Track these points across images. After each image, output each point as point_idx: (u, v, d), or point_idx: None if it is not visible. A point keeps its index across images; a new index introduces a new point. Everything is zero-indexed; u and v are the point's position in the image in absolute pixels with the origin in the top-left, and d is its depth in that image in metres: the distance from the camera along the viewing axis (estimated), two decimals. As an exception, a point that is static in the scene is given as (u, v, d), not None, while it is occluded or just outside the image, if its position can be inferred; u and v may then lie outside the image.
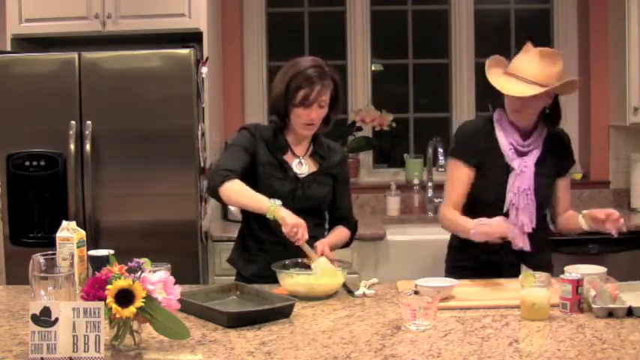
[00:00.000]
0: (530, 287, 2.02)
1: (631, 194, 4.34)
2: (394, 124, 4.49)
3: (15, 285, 2.59)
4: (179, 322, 1.77)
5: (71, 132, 3.51)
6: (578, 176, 4.51)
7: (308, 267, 2.41)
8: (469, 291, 2.32)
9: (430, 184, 4.32)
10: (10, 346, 1.82)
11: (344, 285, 2.38)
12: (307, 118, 2.53)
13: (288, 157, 2.61)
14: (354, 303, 2.25)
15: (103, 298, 1.68)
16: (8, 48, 3.81)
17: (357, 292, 2.32)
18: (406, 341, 1.85)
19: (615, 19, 4.29)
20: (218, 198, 2.49)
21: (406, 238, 3.91)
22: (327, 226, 2.73)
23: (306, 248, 2.39)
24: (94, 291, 1.70)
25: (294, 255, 2.43)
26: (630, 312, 2.01)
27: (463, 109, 4.62)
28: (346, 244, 2.73)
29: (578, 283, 2.05)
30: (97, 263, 2.14)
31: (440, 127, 4.61)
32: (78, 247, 2.25)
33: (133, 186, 3.55)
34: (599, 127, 4.47)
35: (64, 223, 2.28)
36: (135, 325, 1.77)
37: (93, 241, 3.35)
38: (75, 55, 3.53)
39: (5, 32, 3.85)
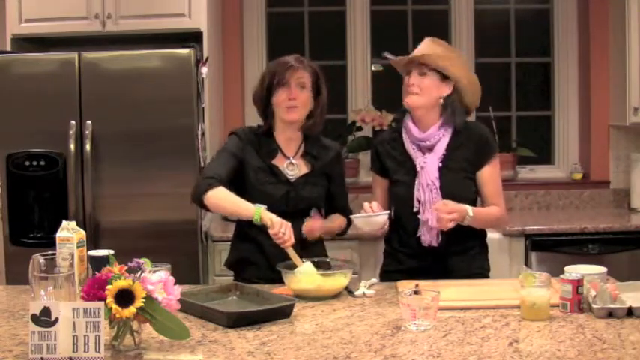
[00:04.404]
0: (530, 287, 2.02)
1: (631, 194, 4.34)
2: (394, 124, 4.48)
3: (15, 285, 2.59)
4: (179, 322, 1.77)
5: (71, 132, 3.51)
6: (578, 176, 4.52)
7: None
8: (468, 291, 2.32)
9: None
10: (10, 346, 1.82)
11: (344, 285, 2.38)
12: (287, 99, 2.52)
13: (277, 160, 2.61)
14: (354, 303, 2.25)
15: (103, 298, 1.68)
16: (8, 48, 3.81)
17: (357, 292, 2.32)
18: (406, 341, 1.85)
19: (615, 19, 4.29)
20: (203, 206, 2.50)
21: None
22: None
23: (292, 252, 2.39)
24: (94, 291, 1.70)
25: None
26: (630, 312, 2.00)
27: (463, 109, 4.61)
28: (342, 232, 2.74)
29: (578, 283, 2.05)
30: (97, 263, 2.14)
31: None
32: (78, 247, 2.25)
33: (133, 186, 3.55)
34: (599, 127, 4.47)
35: (64, 223, 2.28)
36: (135, 325, 1.77)
37: (93, 241, 3.35)
38: (75, 55, 3.54)
39: (5, 32, 3.85)
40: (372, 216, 2.43)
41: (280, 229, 2.36)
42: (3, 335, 1.92)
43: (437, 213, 2.41)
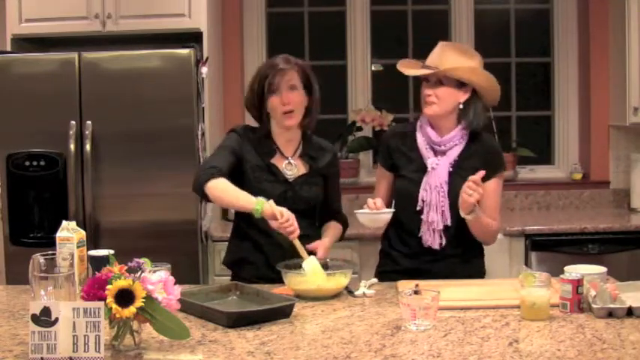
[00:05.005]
0: (530, 287, 2.02)
1: (631, 194, 4.34)
2: (394, 124, 4.49)
3: (15, 285, 2.59)
4: (179, 322, 1.77)
5: (71, 132, 3.51)
6: (578, 176, 4.52)
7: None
8: (468, 291, 2.32)
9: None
10: (10, 346, 1.82)
11: (344, 285, 2.39)
12: (281, 105, 2.52)
13: (276, 159, 2.61)
14: (354, 303, 2.25)
15: (103, 298, 1.68)
16: (8, 48, 3.81)
17: (357, 292, 2.32)
18: (406, 341, 1.85)
19: (615, 19, 4.29)
20: (203, 195, 2.48)
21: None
22: (317, 223, 2.73)
23: (298, 244, 2.39)
24: (94, 291, 1.70)
25: (290, 255, 2.43)
26: (630, 312, 2.01)
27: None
28: (338, 240, 2.74)
29: (578, 283, 2.05)
30: (97, 263, 2.14)
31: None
32: (78, 247, 2.25)
33: (133, 186, 3.55)
34: (599, 127, 4.47)
35: (64, 223, 2.28)
36: (135, 325, 1.77)
37: (93, 241, 3.35)
38: (75, 55, 3.54)
39: (5, 32, 3.85)
40: (377, 213, 2.43)
41: (287, 220, 2.35)
42: (3, 335, 1.92)
43: (469, 182, 2.38)
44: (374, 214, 2.43)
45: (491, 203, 2.59)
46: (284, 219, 2.35)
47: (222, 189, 2.45)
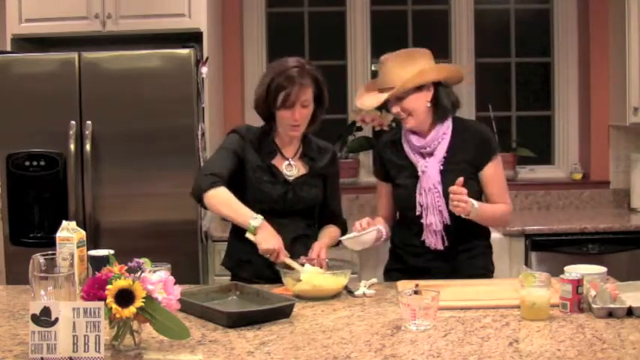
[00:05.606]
0: (530, 287, 2.02)
1: (631, 194, 4.34)
2: (394, 124, 4.49)
3: (15, 285, 2.59)
4: (179, 322, 1.77)
5: (71, 132, 3.51)
6: (578, 176, 4.52)
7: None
8: (468, 291, 2.32)
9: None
10: (10, 346, 1.82)
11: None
12: (291, 120, 2.53)
13: (277, 160, 2.62)
14: (354, 303, 2.25)
15: (103, 298, 1.68)
16: (8, 48, 3.81)
17: (357, 292, 2.32)
18: (406, 341, 1.85)
19: (615, 19, 4.29)
20: (201, 202, 2.50)
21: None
22: (316, 224, 2.74)
23: (289, 261, 2.41)
24: (94, 291, 1.70)
25: (288, 255, 2.44)
26: (630, 312, 2.01)
27: (463, 109, 4.58)
28: (336, 244, 2.74)
29: (578, 283, 2.05)
30: (97, 263, 2.14)
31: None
32: (78, 247, 2.25)
33: (133, 186, 3.55)
34: (599, 127, 4.47)
35: (64, 223, 2.28)
36: (135, 325, 1.77)
37: (93, 241, 3.35)
38: (75, 55, 3.54)
39: (5, 32, 3.85)
40: (361, 235, 2.45)
41: (266, 253, 2.40)
42: (3, 335, 1.92)
43: (451, 194, 2.41)
44: (358, 236, 2.45)
45: (494, 189, 2.60)
46: (261, 250, 2.40)
47: (221, 200, 2.47)
